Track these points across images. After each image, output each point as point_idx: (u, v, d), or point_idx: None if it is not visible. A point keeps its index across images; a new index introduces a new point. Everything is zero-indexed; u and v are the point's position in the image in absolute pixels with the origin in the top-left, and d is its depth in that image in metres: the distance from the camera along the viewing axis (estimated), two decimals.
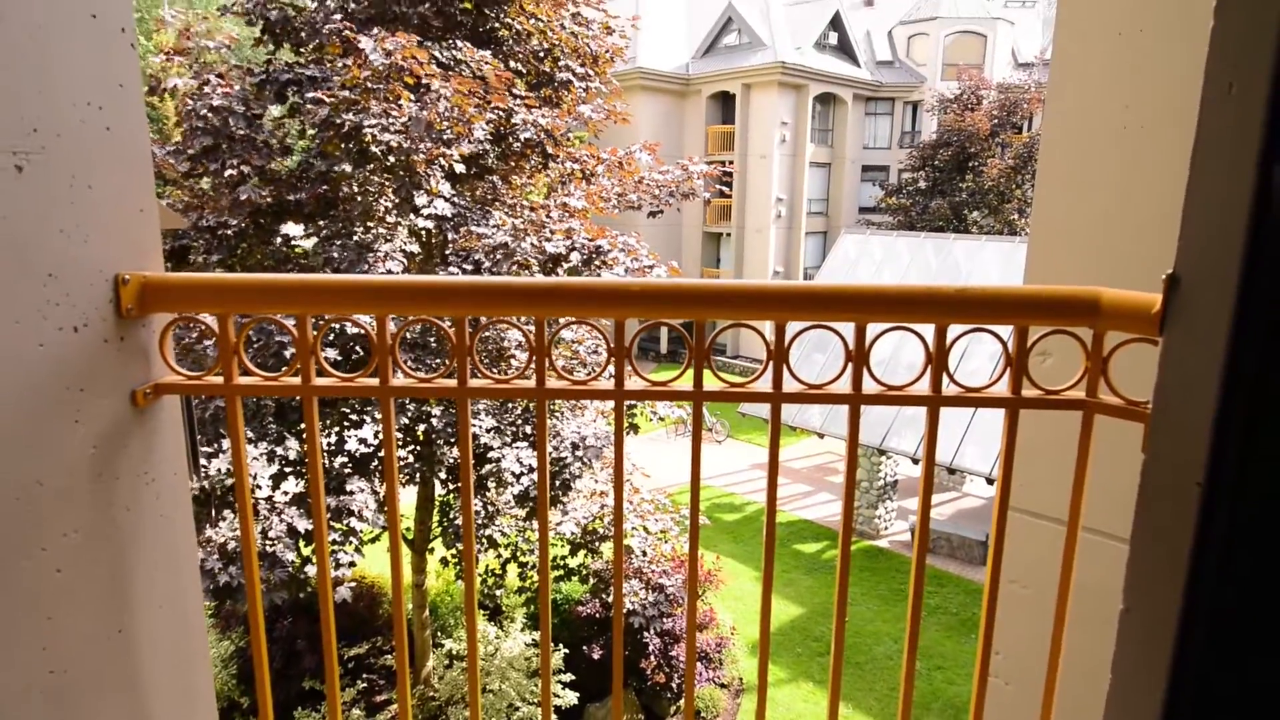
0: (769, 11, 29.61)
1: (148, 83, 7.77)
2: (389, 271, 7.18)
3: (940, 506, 16.59)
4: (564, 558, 9.55)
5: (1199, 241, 0.85)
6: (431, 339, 7.48)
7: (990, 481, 13.14)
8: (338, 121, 6.86)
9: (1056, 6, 1.70)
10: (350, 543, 7.51)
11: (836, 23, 30.75)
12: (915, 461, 14.21)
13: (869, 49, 33.04)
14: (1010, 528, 1.41)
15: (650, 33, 28.24)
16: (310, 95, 6.96)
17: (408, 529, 9.29)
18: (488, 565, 9.44)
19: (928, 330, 1.17)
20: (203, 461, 7.00)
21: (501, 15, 8.30)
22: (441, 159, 7.16)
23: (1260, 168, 0.64)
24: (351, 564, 7.56)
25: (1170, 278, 0.91)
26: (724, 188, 28.12)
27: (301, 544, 7.32)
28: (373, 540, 8.02)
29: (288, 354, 6.85)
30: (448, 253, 7.88)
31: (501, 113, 7.48)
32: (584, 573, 9.80)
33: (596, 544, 9.37)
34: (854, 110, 31.62)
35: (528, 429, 8.24)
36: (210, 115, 7.11)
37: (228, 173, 7.09)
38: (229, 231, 7.49)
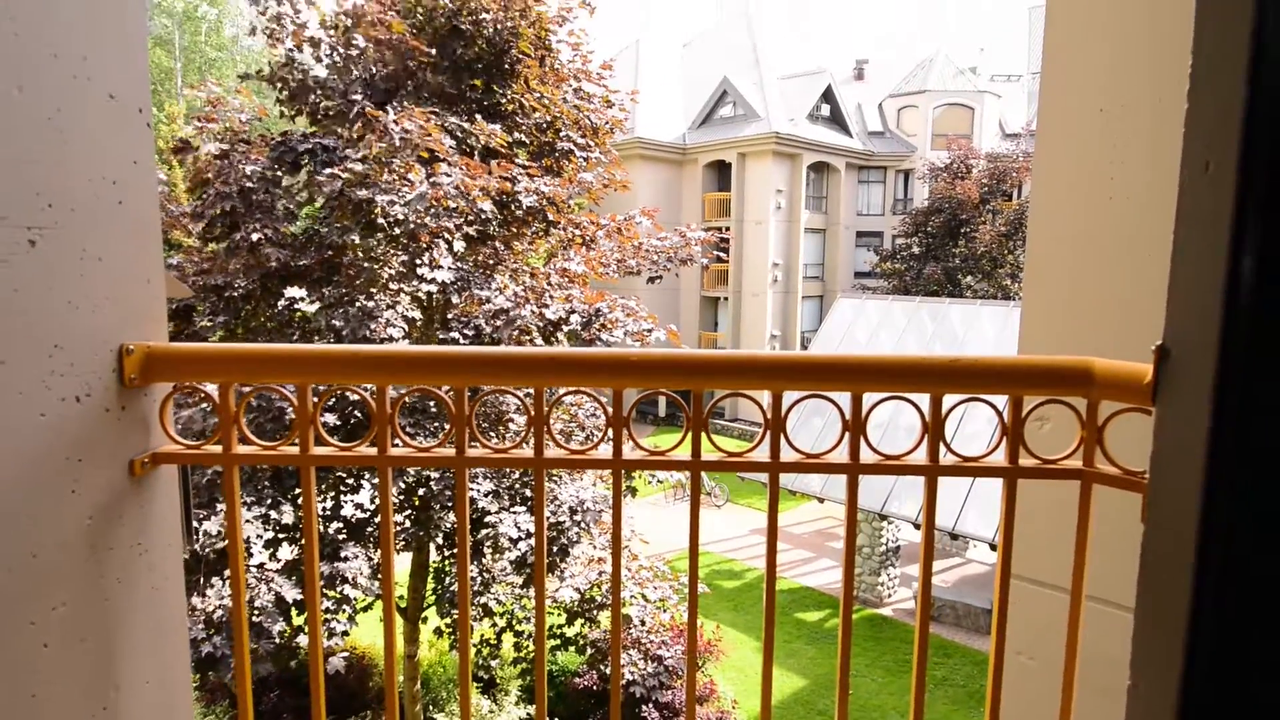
0: (763, 85, 30.62)
1: (172, 145, 8.00)
2: (390, 338, 7.24)
3: (943, 573, 16.30)
4: (561, 627, 9.33)
5: (1184, 315, 0.87)
6: (431, 403, 7.48)
7: (993, 547, 12.95)
8: (349, 193, 7.03)
9: (1039, 84, 1.76)
10: (343, 611, 7.35)
11: (828, 95, 31.78)
12: (917, 527, 14.03)
13: (860, 120, 34.06)
14: (1014, 596, 1.39)
15: (648, 105, 29.16)
16: (327, 171, 7.15)
17: (401, 597, 9.10)
18: (482, 635, 9.21)
19: (923, 399, 1.18)
20: (195, 524, 6.91)
21: (508, 90, 8.59)
22: (446, 233, 7.33)
23: (1231, 251, 0.66)
24: (345, 633, 7.38)
25: (1160, 349, 0.92)
26: (721, 253, 28.56)
27: (293, 612, 7.17)
28: (365, 609, 7.85)
29: (288, 418, 6.84)
30: (449, 317, 7.95)
31: (505, 180, 7.68)
32: (581, 643, 9.56)
33: (594, 612, 9.17)
34: (847, 178, 32.37)
35: (526, 492, 8.17)
36: (237, 181, 7.31)
37: (254, 236, 7.24)
38: (235, 294, 7.59)
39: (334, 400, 7.22)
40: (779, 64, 32.62)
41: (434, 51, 8.24)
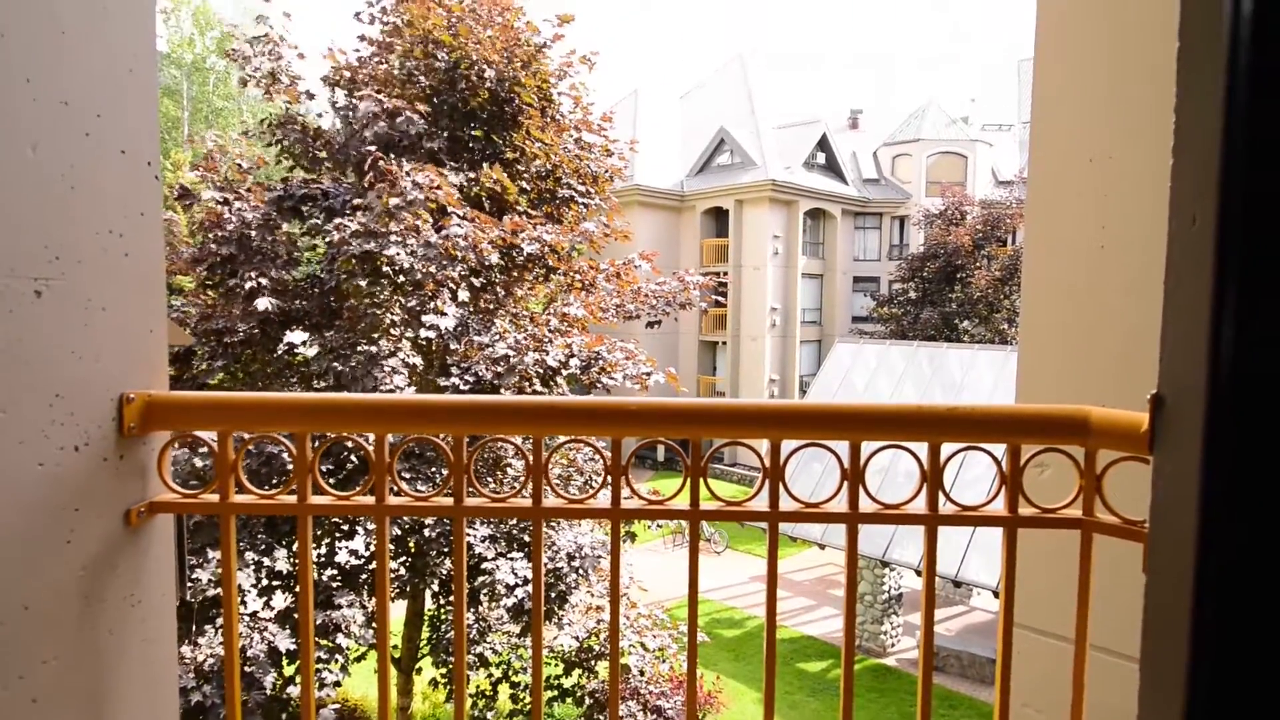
0: (759, 134, 31.21)
1: (176, 191, 8.14)
2: (396, 387, 7.25)
3: (947, 622, 16.03)
4: (558, 677, 9.14)
5: (1178, 363, 0.88)
6: (429, 449, 7.45)
7: (997, 595, 12.75)
8: (356, 243, 7.11)
9: (1029, 135, 1.80)
10: (336, 661, 7.21)
11: (824, 144, 32.38)
12: (919, 573, 13.85)
13: (855, 168, 34.64)
14: (1018, 647, 1.38)
15: (647, 153, 29.67)
16: (337, 221, 7.23)
17: (395, 646, 8.93)
18: (478, 685, 9.02)
19: (921, 447, 1.18)
20: (188, 570, 6.81)
21: (509, 140, 8.76)
22: (451, 282, 7.41)
23: (1215, 301, 0.68)
24: (336, 683, 7.23)
25: (1155, 398, 0.93)
26: (719, 298, 28.75)
27: (285, 662, 7.03)
28: (359, 659, 7.70)
29: (278, 463, 6.80)
30: (449, 362, 7.97)
31: (508, 232, 7.80)
32: (579, 694, 9.35)
33: (592, 662, 9.00)
34: (843, 224, 32.78)
35: (525, 537, 8.08)
36: (234, 229, 7.41)
37: (247, 285, 7.31)
38: (235, 339, 7.63)
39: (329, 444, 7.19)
40: (775, 114, 33.30)
41: (435, 103, 8.42)
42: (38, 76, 0.97)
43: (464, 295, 7.60)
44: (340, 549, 7.64)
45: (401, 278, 7.30)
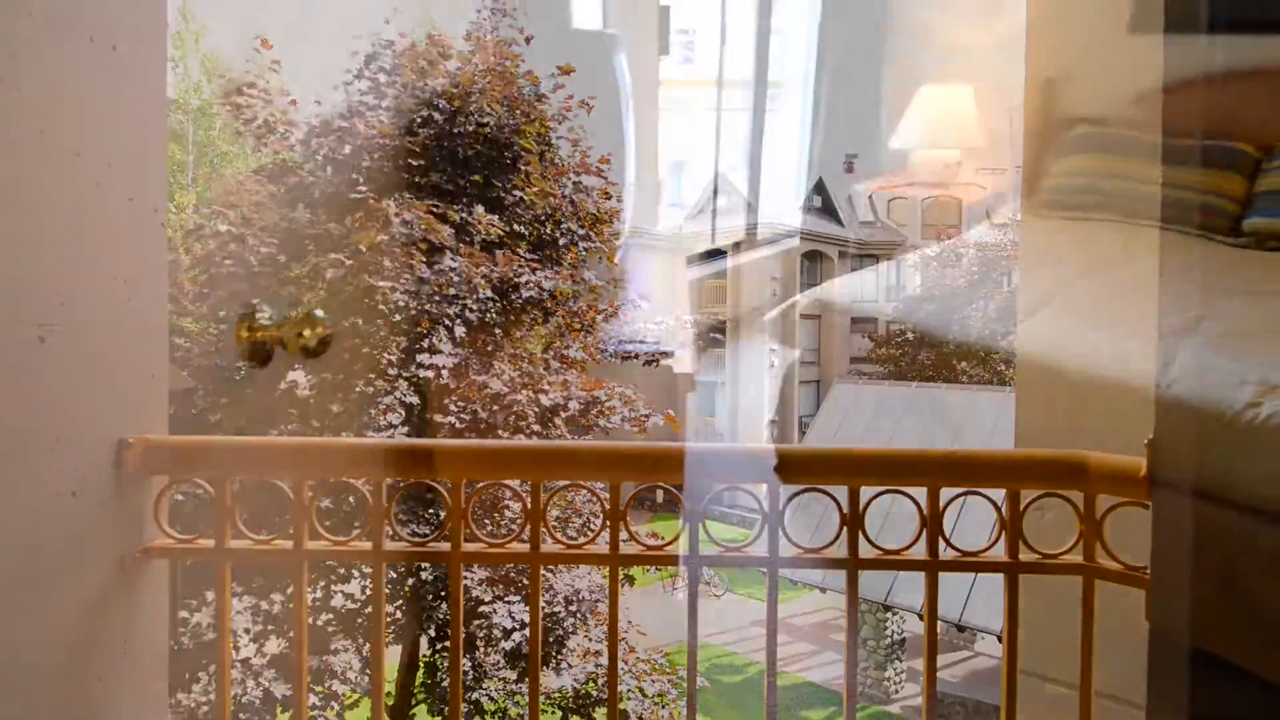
0: (757, 177, 31.67)
1: (187, 230, 8.24)
2: (391, 424, 7.24)
3: (952, 667, 15.71)
4: None
5: (1174, 408, 0.88)
6: (426, 490, 7.41)
7: (1001, 640, 12.53)
8: (354, 279, 7.18)
9: (1019, 189, 1.83)
10: (331, 707, 7.06)
11: (820, 188, 32.84)
12: (921, 618, 13.62)
13: (851, 210, 35.05)
14: (1022, 693, 1.35)
15: (645, 195, 30.05)
16: (332, 257, 7.32)
17: (389, 693, 8.75)
18: None
19: (921, 492, 1.18)
20: (183, 613, 6.73)
21: (507, 184, 8.88)
22: (446, 319, 7.46)
23: (1203, 354, 0.68)
24: None
25: (1152, 443, 0.93)
26: (718, 335, 28.84)
27: (279, 709, 6.88)
28: (352, 706, 7.53)
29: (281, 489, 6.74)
30: (446, 401, 7.97)
31: (509, 271, 7.88)
32: None
33: (590, 708, 8.81)
34: (840, 266, 33.06)
35: (522, 579, 7.98)
36: (240, 264, 7.51)
37: (258, 317, 7.36)
38: (238, 376, 7.66)
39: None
40: (772, 157, 33.81)
41: (431, 149, 8.55)
42: (51, 129, 0.99)
43: (460, 332, 7.64)
44: (335, 592, 7.54)
45: (397, 316, 7.35)
